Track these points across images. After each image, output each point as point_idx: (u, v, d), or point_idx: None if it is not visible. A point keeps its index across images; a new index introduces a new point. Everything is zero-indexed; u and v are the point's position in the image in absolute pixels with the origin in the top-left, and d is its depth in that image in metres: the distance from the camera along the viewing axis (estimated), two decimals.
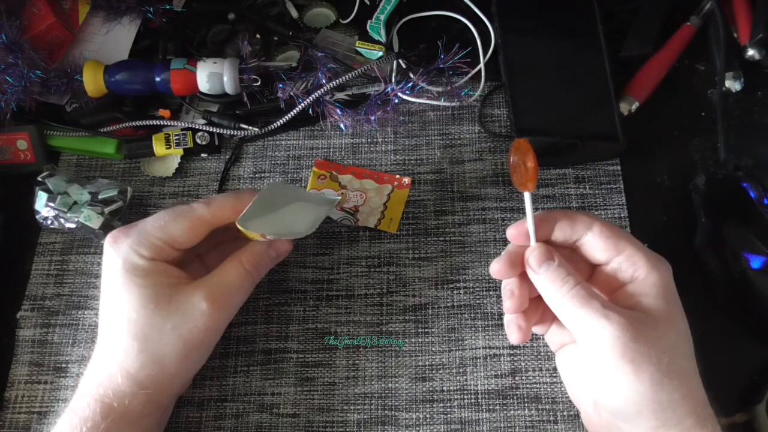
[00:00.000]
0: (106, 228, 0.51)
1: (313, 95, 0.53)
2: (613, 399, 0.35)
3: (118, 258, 0.41)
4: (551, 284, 0.37)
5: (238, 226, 0.41)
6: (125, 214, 0.53)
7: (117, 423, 0.39)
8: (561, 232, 0.39)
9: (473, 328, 0.49)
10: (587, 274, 0.40)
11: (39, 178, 0.53)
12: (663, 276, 0.37)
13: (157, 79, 0.54)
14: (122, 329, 0.40)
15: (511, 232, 0.40)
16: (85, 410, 0.39)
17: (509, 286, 0.40)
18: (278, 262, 0.46)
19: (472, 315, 0.49)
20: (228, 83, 0.53)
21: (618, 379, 0.34)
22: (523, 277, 0.39)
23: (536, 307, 0.40)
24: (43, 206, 0.51)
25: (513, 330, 0.39)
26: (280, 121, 0.55)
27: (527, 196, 0.39)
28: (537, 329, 0.43)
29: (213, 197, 0.43)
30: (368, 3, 0.60)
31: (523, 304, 0.39)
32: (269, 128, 0.55)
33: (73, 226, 0.51)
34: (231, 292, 0.42)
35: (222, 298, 0.41)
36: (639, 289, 0.37)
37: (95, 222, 0.51)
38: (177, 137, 0.55)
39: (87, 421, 0.38)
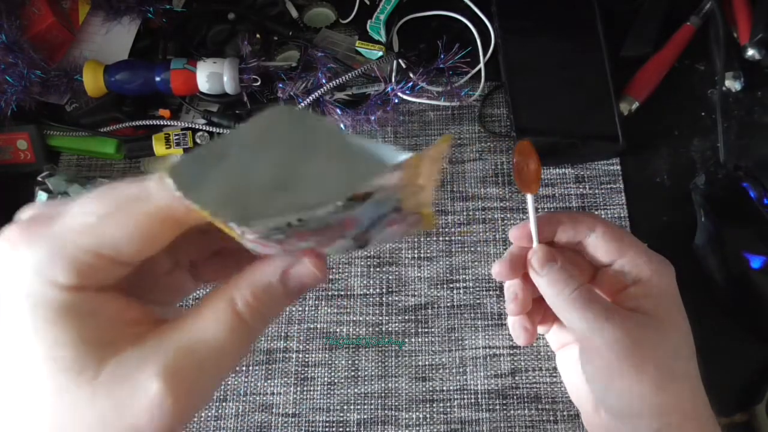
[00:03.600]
0: None
1: (313, 95, 0.53)
2: (615, 401, 0.35)
3: (19, 288, 0.22)
4: (554, 286, 0.37)
5: (161, 181, 0.20)
6: None
7: None
8: (564, 234, 0.39)
9: (473, 328, 0.49)
10: (590, 276, 0.40)
11: (39, 178, 0.53)
12: (666, 279, 0.37)
13: (157, 79, 0.54)
14: (24, 409, 0.22)
15: (514, 234, 0.40)
16: None
17: (513, 289, 0.39)
18: (296, 300, 0.30)
19: (472, 315, 0.49)
20: (228, 83, 0.53)
21: (620, 381, 0.34)
22: (526, 278, 0.39)
23: (539, 308, 0.40)
24: None
25: (519, 332, 0.39)
26: None
27: (530, 198, 0.39)
28: (539, 329, 0.43)
29: None
30: (368, 3, 0.60)
31: (527, 306, 0.39)
32: None
33: None
34: (210, 359, 0.22)
35: (191, 372, 0.22)
36: (642, 292, 0.37)
37: None
38: (177, 137, 0.55)
39: None
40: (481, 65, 0.56)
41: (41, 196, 0.52)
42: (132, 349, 0.22)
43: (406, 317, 0.49)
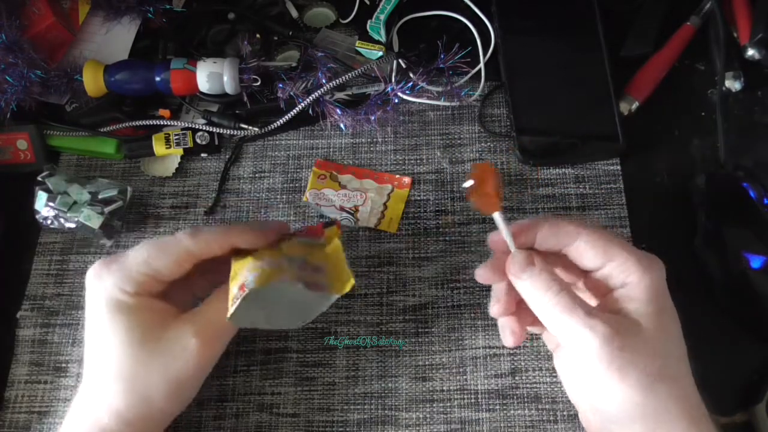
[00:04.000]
0: (106, 227, 0.51)
1: (313, 95, 0.53)
2: (606, 404, 0.35)
3: (101, 295, 0.39)
4: (534, 290, 0.37)
5: (228, 319, 0.38)
6: (125, 213, 0.53)
7: None
8: (543, 241, 0.39)
9: (473, 328, 0.49)
10: (577, 280, 0.40)
11: (39, 178, 0.53)
12: (654, 280, 0.37)
13: (157, 79, 0.54)
14: (108, 369, 0.39)
15: (492, 239, 0.40)
16: None
17: (497, 292, 0.40)
18: None
19: (472, 315, 0.49)
20: (228, 83, 0.53)
21: (607, 386, 0.34)
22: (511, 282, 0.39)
23: (529, 309, 0.40)
24: (43, 206, 0.51)
25: (506, 334, 0.39)
26: (280, 121, 0.55)
27: (496, 215, 0.38)
28: (533, 329, 0.43)
29: (200, 229, 0.41)
30: (368, 3, 0.60)
31: (510, 308, 0.39)
32: (269, 128, 0.55)
33: (73, 225, 0.51)
34: (221, 328, 0.40)
35: (212, 334, 0.40)
36: (630, 294, 0.37)
37: (95, 222, 0.51)
38: (177, 137, 0.55)
39: None
40: (481, 65, 0.56)
41: (41, 196, 0.52)
42: (174, 326, 0.39)
43: (406, 317, 0.49)
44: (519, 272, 0.37)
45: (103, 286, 0.39)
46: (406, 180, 0.54)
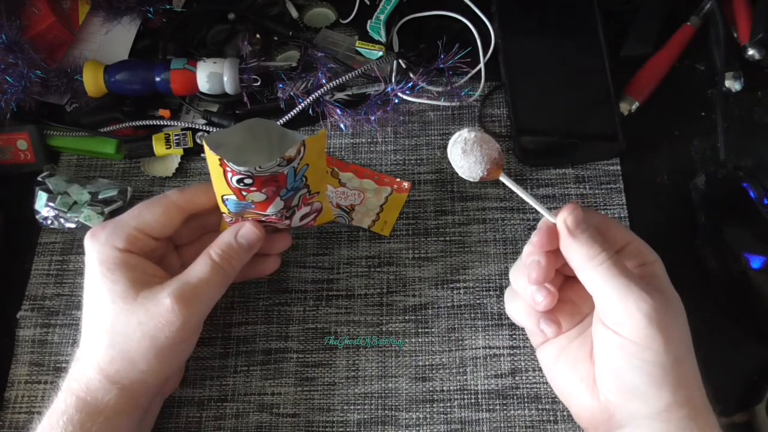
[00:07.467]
0: None
1: (313, 95, 0.53)
2: (634, 373, 0.35)
3: (94, 252, 0.41)
4: (589, 248, 0.36)
5: (204, 143, 0.39)
6: None
7: (91, 416, 0.39)
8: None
9: (473, 328, 0.49)
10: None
11: (39, 178, 0.53)
12: (662, 266, 0.39)
13: (157, 79, 0.54)
14: (95, 323, 0.40)
15: (538, 239, 0.39)
16: (61, 403, 0.39)
17: (534, 257, 0.39)
18: (251, 254, 0.44)
19: (472, 315, 0.49)
20: (228, 83, 0.53)
21: (648, 347, 0.35)
22: (548, 255, 0.39)
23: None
24: (43, 206, 0.51)
25: (543, 295, 0.39)
26: (280, 121, 0.55)
27: (503, 180, 0.39)
28: (519, 323, 0.43)
29: (188, 186, 0.45)
30: (368, 3, 0.60)
31: (550, 274, 0.39)
32: None
33: (73, 226, 0.51)
34: (200, 288, 0.40)
35: (190, 294, 0.40)
36: (653, 271, 0.39)
37: (95, 222, 0.51)
38: (177, 137, 0.55)
39: (63, 414, 0.39)
40: (481, 65, 0.56)
41: (41, 196, 0.52)
42: (154, 286, 0.40)
43: (406, 317, 0.49)
44: (575, 227, 0.37)
45: (97, 242, 0.41)
46: (406, 185, 0.54)
